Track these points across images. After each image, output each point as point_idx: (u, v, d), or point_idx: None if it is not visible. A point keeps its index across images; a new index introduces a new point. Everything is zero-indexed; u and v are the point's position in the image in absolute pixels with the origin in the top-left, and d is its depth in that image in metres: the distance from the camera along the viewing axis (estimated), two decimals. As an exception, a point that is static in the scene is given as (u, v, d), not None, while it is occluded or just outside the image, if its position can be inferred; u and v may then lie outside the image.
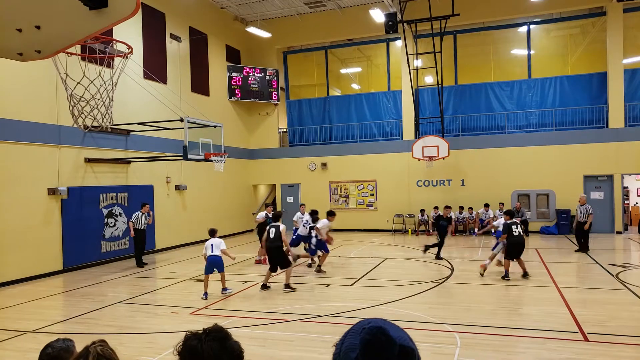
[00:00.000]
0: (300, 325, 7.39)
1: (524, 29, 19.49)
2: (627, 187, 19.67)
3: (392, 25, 17.14)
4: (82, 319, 8.05)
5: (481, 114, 19.75)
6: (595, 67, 18.59)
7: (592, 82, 18.54)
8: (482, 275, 10.66)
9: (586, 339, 6.41)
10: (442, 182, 19.66)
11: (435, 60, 18.60)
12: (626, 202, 19.39)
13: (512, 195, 18.76)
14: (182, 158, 13.25)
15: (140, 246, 13.28)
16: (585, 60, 19.30)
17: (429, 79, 20.75)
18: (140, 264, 13.18)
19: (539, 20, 19.25)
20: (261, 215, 13.12)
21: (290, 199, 21.91)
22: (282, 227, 9.83)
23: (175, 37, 17.16)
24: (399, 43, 20.39)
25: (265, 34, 20.42)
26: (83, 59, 10.36)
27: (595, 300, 8.59)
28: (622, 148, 17.53)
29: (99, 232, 13.58)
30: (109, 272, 12.55)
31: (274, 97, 21.62)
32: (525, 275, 10.33)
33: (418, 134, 19.85)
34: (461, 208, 18.89)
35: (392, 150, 20.30)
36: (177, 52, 17.36)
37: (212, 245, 9.46)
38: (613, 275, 10.49)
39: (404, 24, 18.60)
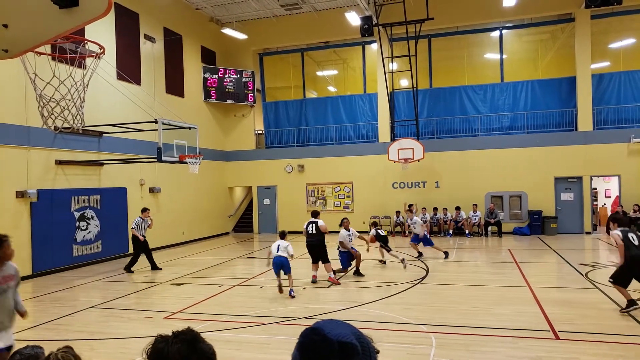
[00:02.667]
0: (276, 328, 7.36)
1: (496, 33, 19.91)
2: (596, 189, 20.28)
3: (367, 28, 17.28)
4: (52, 325, 7.84)
5: (455, 117, 20.08)
6: (564, 72, 19.12)
7: (562, 86, 19.06)
8: None
9: (557, 337, 6.57)
10: (417, 184, 19.89)
11: (410, 63, 18.83)
12: (594, 203, 19.98)
13: (485, 196, 19.11)
14: (156, 160, 13.04)
15: (148, 253, 12.73)
16: (556, 64, 19.83)
17: (405, 82, 20.98)
18: (156, 267, 12.75)
19: (511, 25, 19.70)
20: None
21: (267, 202, 21.82)
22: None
23: (149, 38, 16.90)
24: (374, 46, 20.57)
25: (241, 36, 20.30)
26: (53, 58, 10.10)
27: (565, 299, 8.82)
28: (591, 150, 18.07)
29: (71, 235, 13.25)
30: (81, 276, 12.25)
31: (250, 98, 21.51)
32: None
33: (394, 137, 20.05)
34: (435, 209, 19.14)
35: (368, 153, 20.44)
36: (152, 53, 17.11)
37: (278, 246, 9.37)
38: (582, 275, 10.79)
39: (380, 27, 18.78)
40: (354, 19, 18.16)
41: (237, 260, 14.83)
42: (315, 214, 11.00)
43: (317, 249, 10.48)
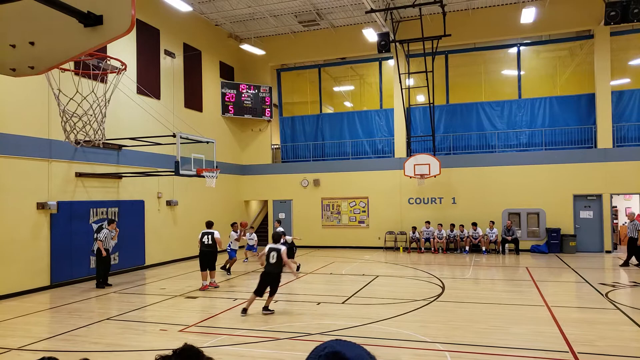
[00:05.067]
0: (290, 344, 7.33)
1: (514, 50, 19.85)
2: (616, 207, 19.87)
3: (384, 45, 17.39)
4: (69, 336, 7.92)
5: (472, 133, 19.97)
6: (583, 89, 18.93)
7: (581, 103, 18.85)
8: None
9: (576, 359, 6.41)
10: (433, 199, 19.75)
11: (427, 79, 18.86)
12: (615, 221, 19.56)
13: (502, 213, 18.87)
14: (174, 173, 13.21)
15: (106, 267, 12.44)
16: (574, 81, 19.66)
17: (421, 98, 20.99)
18: (103, 285, 12.31)
19: (529, 42, 19.63)
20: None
21: (282, 215, 21.87)
22: (282, 249, 9.45)
23: (169, 54, 17.27)
24: (391, 62, 20.67)
25: (259, 52, 20.60)
26: (76, 74, 10.39)
27: (585, 320, 8.61)
28: (611, 168, 17.76)
29: (88, 247, 13.42)
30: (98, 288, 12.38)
31: (267, 113, 21.73)
32: None
33: (410, 152, 20.01)
34: (452, 226, 18.96)
35: (384, 168, 20.41)
36: (171, 68, 17.46)
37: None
38: (602, 295, 10.53)
39: (397, 44, 18.89)
40: (371, 35, 18.31)
41: (252, 274, 14.84)
42: (209, 225, 12.20)
43: (209, 258, 11.75)
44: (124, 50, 14.53)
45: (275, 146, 22.93)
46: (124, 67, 10.41)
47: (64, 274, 12.65)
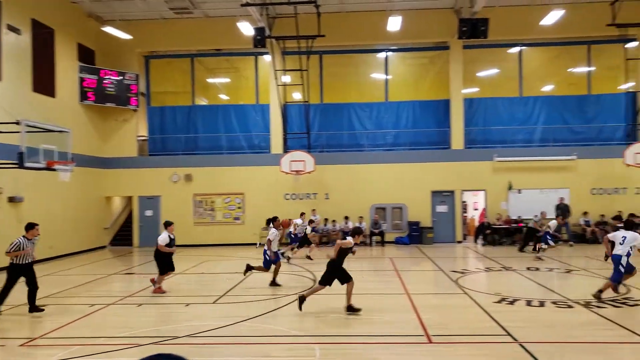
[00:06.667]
0: (155, 349, 6.83)
1: (382, 55, 21.10)
2: (466, 202, 22.27)
3: (260, 39, 17.22)
4: None
5: (344, 132, 20.80)
6: (441, 95, 20.83)
7: (439, 107, 20.74)
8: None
9: (430, 341, 6.96)
10: (308, 195, 20.17)
11: (302, 77, 19.15)
12: (464, 214, 21.93)
13: (371, 208, 20.00)
14: (17, 166, 11.56)
15: (32, 287, 9.03)
16: (434, 87, 21.52)
17: (298, 95, 21.27)
18: (36, 308, 9.01)
19: (395, 48, 21.01)
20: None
21: (149, 213, 20.54)
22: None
23: (13, 29, 15.07)
24: (267, 57, 20.59)
25: (124, 36, 19.05)
26: None
27: (438, 305, 9.45)
28: (462, 167, 19.85)
29: None
30: None
31: (133, 102, 20.18)
32: None
33: (286, 148, 20.17)
34: (325, 220, 19.57)
35: (260, 164, 20.29)
36: (16, 46, 15.27)
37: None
38: (454, 281, 11.68)
39: (273, 40, 18.86)
40: (246, 29, 18.00)
41: (113, 276, 13.67)
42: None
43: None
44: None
45: (142, 138, 21.41)
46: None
47: None
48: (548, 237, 14.83)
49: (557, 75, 21.63)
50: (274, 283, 11.25)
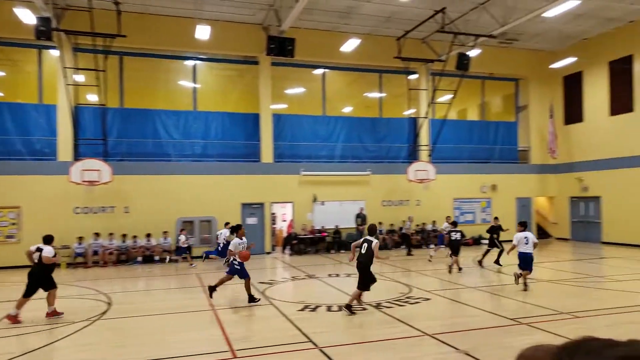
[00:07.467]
0: None
1: (191, 62, 20.38)
2: (275, 213, 22.83)
3: (44, 31, 14.86)
4: None
5: (148, 140, 19.34)
6: (251, 108, 21.01)
7: (248, 121, 20.88)
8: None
9: (235, 356, 6.66)
10: (104, 209, 18.08)
11: (98, 78, 17.21)
12: (273, 226, 22.45)
13: (177, 222, 18.92)
14: None
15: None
16: (244, 100, 21.62)
17: (93, 97, 18.99)
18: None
19: (205, 57, 20.52)
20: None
21: None
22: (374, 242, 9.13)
23: None
24: (54, 52, 17.94)
25: None
26: None
27: (243, 318, 9.25)
28: (271, 180, 20.29)
29: None
30: None
31: None
32: None
33: (77, 156, 17.74)
34: (124, 236, 17.79)
35: (43, 172, 17.44)
36: None
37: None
38: (261, 292, 11.64)
39: (62, 34, 16.54)
40: (26, 16, 15.40)
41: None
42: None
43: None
44: None
45: None
46: None
47: None
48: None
49: (355, 98, 23.95)
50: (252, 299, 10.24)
